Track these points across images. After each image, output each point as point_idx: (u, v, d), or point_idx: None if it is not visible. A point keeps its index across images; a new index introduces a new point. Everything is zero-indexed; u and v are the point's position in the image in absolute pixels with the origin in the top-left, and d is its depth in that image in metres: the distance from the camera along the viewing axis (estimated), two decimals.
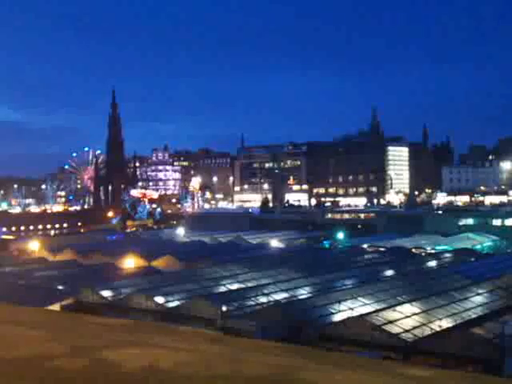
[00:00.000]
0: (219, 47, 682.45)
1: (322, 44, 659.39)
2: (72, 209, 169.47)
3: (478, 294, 39.83)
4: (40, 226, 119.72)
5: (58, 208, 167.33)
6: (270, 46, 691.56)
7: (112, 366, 2.44)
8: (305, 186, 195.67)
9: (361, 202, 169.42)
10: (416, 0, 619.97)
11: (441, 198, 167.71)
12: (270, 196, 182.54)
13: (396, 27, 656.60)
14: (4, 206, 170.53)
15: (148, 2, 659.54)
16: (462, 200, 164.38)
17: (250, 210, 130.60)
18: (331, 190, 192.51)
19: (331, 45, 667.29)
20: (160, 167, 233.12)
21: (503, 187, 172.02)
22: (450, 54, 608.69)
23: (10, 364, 2.50)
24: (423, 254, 67.36)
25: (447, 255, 62.73)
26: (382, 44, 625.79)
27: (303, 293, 41.23)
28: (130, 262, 56.30)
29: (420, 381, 2.63)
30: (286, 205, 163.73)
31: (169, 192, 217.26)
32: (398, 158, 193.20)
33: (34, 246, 71.99)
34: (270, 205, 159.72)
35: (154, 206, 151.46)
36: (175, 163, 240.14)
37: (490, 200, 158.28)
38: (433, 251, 68.86)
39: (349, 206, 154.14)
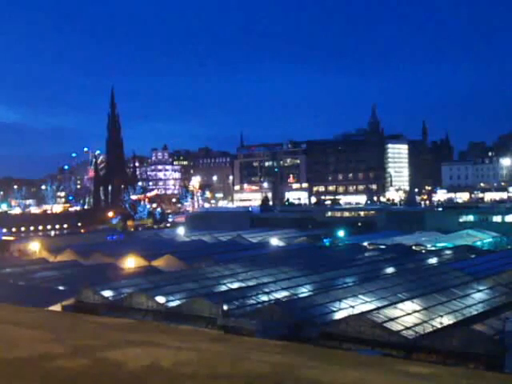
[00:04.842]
0: (219, 46, 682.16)
1: (322, 43, 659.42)
2: (72, 209, 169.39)
3: (479, 291, 39.85)
4: (40, 227, 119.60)
5: (58, 208, 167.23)
6: (270, 45, 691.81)
7: (113, 366, 2.44)
8: (305, 185, 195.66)
9: (361, 199, 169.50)
10: None
11: (441, 195, 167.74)
12: (269, 195, 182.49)
13: (395, 25, 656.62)
14: (4, 207, 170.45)
15: (148, 1, 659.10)
16: (462, 197, 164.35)
17: (250, 209, 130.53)
18: (331, 188, 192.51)
19: (331, 43, 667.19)
20: (160, 167, 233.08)
21: (503, 184, 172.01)
22: (449, 51, 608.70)
23: (11, 364, 2.50)
24: (424, 251, 67.39)
25: (447, 252, 62.76)
26: (381, 42, 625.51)
27: (304, 291, 41.25)
28: (131, 262, 56.28)
29: (421, 378, 2.63)
30: (286, 203, 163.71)
31: (169, 191, 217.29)
32: (398, 156, 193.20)
33: (35, 246, 71.95)
34: (270, 203, 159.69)
35: (154, 205, 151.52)
36: (175, 163, 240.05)
37: (489, 197, 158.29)
38: (433, 248, 68.89)
39: (349, 203, 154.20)
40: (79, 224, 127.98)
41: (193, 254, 61.89)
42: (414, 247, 68.83)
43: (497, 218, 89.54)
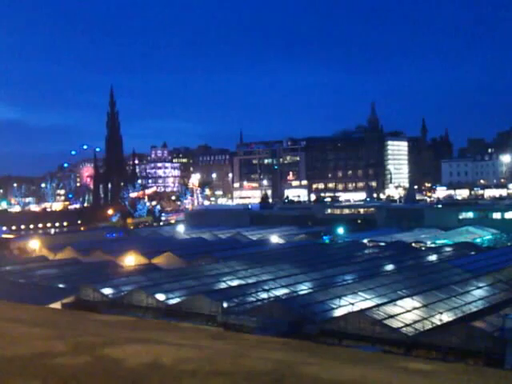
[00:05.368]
0: (218, 44, 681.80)
1: (321, 40, 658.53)
2: (71, 207, 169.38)
3: (479, 288, 39.90)
4: (40, 225, 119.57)
5: (57, 206, 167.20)
6: (269, 42, 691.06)
7: (114, 363, 2.45)
8: (304, 182, 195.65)
9: (360, 196, 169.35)
10: None
11: (440, 192, 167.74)
12: (269, 192, 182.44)
13: (395, 23, 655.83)
14: (4, 205, 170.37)
15: None
16: (461, 194, 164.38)
17: (250, 206, 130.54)
18: (330, 185, 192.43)
19: (330, 41, 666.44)
20: (159, 164, 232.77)
21: (502, 180, 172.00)
22: (449, 48, 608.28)
23: (11, 362, 2.50)
24: (423, 248, 67.47)
25: (447, 249, 62.80)
26: (380, 39, 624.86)
27: (303, 288, 41.28)
28: (130, 260, 56.32)
29: (421, 374, 2.63)
30: (286, 200, 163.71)
31: (168, 189, 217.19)
32: (397, 153, 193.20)
33: (35, 244, 72.00)
34: (270, 201, 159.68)
35: (154, 203, 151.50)
36: (174, 160, 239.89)
37: (489, 193, 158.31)
38: (433, 245, 68.97)
39: (348, 201, 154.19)
40: (79, 222, 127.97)
41: (192, 251, 61.90)
42: (413, 244, 68.90)
43: (496, 215, 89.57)
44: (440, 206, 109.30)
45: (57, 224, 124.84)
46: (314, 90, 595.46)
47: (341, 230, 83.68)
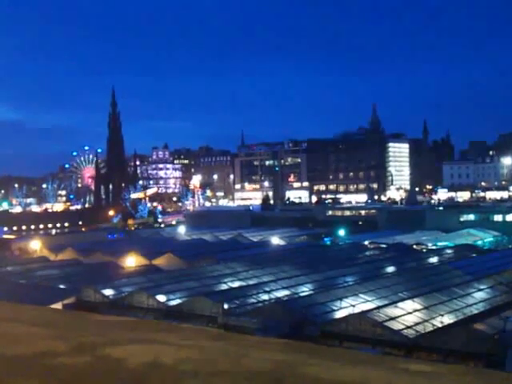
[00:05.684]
0: (219, 45, 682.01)
1: (323, 42, 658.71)
2: (73, 208, 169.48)
3: (480, 290, 39.88)
4: (41, 226, 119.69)
5: (58, 207, 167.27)
6: (270, 44, 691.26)
7: (115, 363, 2.45)
8: (305, 183, 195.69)
9: (362, 198, 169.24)
10: None
11: (441, 194, 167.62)
12: (270, 193, 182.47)
13: (396, 24, 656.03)
14: (5, 206, 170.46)
15: None
16: (462, 196, 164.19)
17: (251, 208, 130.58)
18: (332, 186, 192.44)
19: (331, 42, 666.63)
20: (160, 165, 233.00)
21: (504, 183, 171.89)
22: (450, 50, 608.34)
23: (12, 362, 2.50)
24: (424, 250, 67.46)
25: (448, 251, 62.79)
26: (382, 41, 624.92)
27: (304, 290, 41.27)
28: (131, 261, 56.33)
29: (423, 375, 2.63)
30: (287, 202, 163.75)
31: (169, 190, 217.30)
32: (399, 155, 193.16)
33: (36, 245, 72.05)
34: (271, 202, 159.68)
35: (155, 204, 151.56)
36: (175, 161, 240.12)
37: (490, 196, 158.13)
38: (434, 247, 68.94)
39: (350, 202, 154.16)
40: (80, 223, 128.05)
41: (193, 252, 61.95)
42: (414, 246, 68.86)
43: (498, 217, 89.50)
44: (441, 208, 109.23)
45: (58, 225, 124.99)
46: (315, 91, 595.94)
47: (342, 232, 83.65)
